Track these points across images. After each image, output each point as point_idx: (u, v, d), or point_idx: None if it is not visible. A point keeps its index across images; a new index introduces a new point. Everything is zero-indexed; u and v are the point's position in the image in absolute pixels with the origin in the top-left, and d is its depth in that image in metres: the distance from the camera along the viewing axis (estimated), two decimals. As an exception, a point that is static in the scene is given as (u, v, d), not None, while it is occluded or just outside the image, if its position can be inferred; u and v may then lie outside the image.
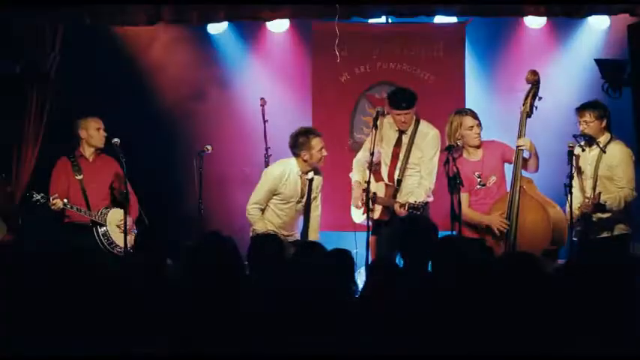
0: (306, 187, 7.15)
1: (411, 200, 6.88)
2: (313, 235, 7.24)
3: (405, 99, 7.15)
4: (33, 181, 7.56)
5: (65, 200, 7.12)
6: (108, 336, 4.02)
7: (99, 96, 8.02)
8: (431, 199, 7.20)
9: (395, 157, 7.23)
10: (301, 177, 7.13)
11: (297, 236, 7.26)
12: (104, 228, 7.25)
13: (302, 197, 7.18)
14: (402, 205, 6.89)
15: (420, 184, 7.14)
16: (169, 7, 7.41)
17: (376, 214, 7.18)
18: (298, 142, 7.07)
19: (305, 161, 7.08)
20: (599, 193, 6.65)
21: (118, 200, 7.39)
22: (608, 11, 7.57)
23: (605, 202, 6.62)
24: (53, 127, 7.68)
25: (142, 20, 7.51)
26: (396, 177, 7.20)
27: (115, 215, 7.30)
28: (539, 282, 4.05)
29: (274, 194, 7.14)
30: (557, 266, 4.58)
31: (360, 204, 7.22)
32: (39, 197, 7.04)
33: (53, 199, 7.05)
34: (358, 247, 7.13)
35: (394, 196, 7.14)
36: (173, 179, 7.71)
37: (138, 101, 8.31)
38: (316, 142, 7.06)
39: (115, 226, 7.26)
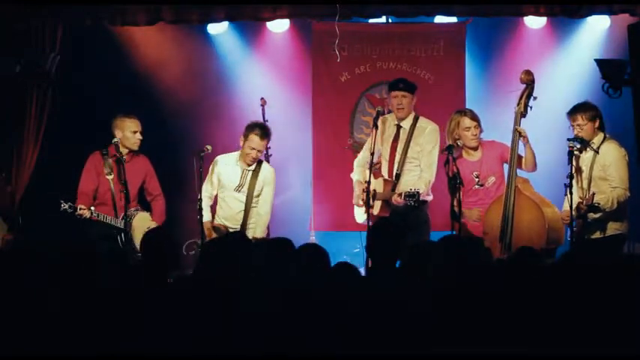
0: (246, 179, 7.28)
1: (407, 189, 6.88)
2: (257, 232, 7.30)
3: (402, 81, 7.26)
4: (33, 181, 7.57)
5: (92, 209, 7.10)
6: (109, 337, 4.03)
7: (99, 96, 8.03)
8: (430, 198, 7.20)
9: (393, 151, 7.24)
10: (244, 168, 7.32)
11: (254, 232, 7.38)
12: (128, 233, 7.22)
13: (240, 187, 7.30)
14: (399, 194, 6.89)
15: (420, 177, 7.14)
16: (169, 7, 7.43)
17: (376, 210, 7.19)
18: (242, 135, 7.25)
19: (244, 153, 7.27)
20: (593, 194, 6.65)
21: (147, 202, 7.41)
22: (608, 11, 7.57)
23: (599, 203, 6.62)
24: (53, 127, 7.68)
25: (142, 20, 7.52)
26: (394, 171, 7.20)
27: (141, 221, 7.29)
28: (535, 281, 4.06)
29: (219, 183, 7.35)
30: (549, 265, 4.56)
31: (360, 202, 7.24)
32: (66, 207, 7.00)
33: (80, 210, 7.04)
34: (360, 246, 7.16)
35: (393, 190, 7.14)
36: (173, 179, 7.71)
37: (137, 101, 8.30)
38: (252, 143, 7.19)
39: (141, 232, 7.20)
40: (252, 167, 7.34)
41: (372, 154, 7.05)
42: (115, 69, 8.28)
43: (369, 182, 7.07)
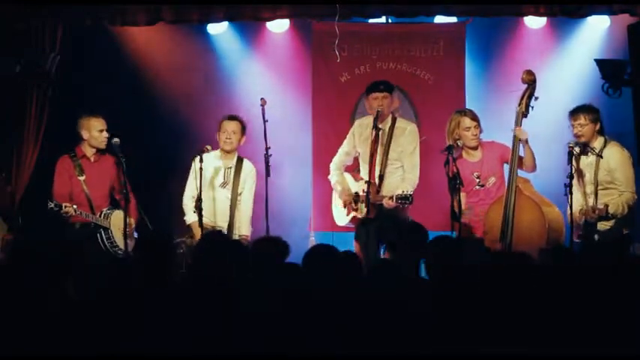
0: (229, 176, 7.39)
1: (398, 192, 6.89)
2: (243, 230, 7.37)
3: (382, 82, 7.33)
4: (33, 181, 7.56)
5: (75, 207, 7.12)
6: (109, 337, 4.03)
7: (99, 96, 8.02)
8: None
9: (373, 153, 7.23)
10: (224, 166, 7.42)
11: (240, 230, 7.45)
12: (108, 231, 7.26)
13: (225, 184, 7.38)
14: (391, 198, 6.90)
15: (404, 179, 7.15)
16: (169, 7, 7.43)
17: (361, 213, 7.18)
18: (217, 132, 7.46)
19: (221, 148, 7.42)
20: (606, 205, 6.64)
21: (117, 201, 7.43)
22: (608, 11, 7.57)
23: (609, 213, 6.64)
24: (53, 127, 7.68)
25: (142, 20, 7.53)
26: (377, 173, 7.20)
27: (118, 219, 7.31)
28: (536, 282, 4.05)
29: (203, 182, 7.30)
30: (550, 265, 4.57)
31: (347, 202, 7.28)
32: (52, 205, 7.04)
33: (66, 207, 7.06)
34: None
35: (378, 192, 7.15)
36: (173, 179, 7.70)
37: (138, 101, 8.31)
38: (223, 129, 7.41)
39: (118, 229, 7.28)
40: (234, 163, 7.44)
41: (373, 154, 7.05)
42: (115, 69, 8.27)
43: (368, 183, 7.07)
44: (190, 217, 7.41)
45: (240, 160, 7.50)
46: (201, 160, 7.19)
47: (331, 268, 4.50)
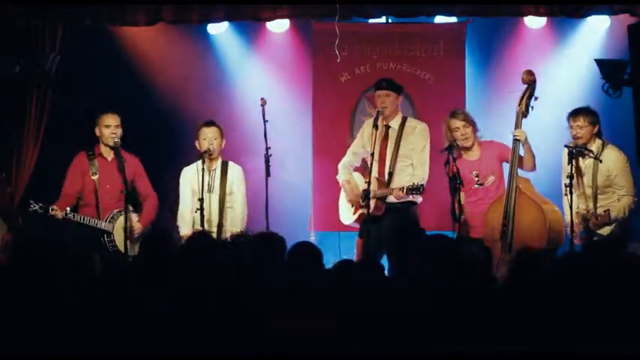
0: (215, 179, 7.33)
1: (409, 183, 6.88)
2: (236, 229, 7.25)
3: (386, 80, 7.30)
4: (33, 181, 7.56)
5: (68, 209, 7.05)
6: (109, 337, 4.03)
7: (99, 96, 8.03)
8: (420, 200, 7.18)
9: (383, 150, 7.23)
10: (208, 169, 7.32)
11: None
12: (110, 235, 7.19)
13: (210, 187, 7.31)
14: (401, 189, 6.88)
15: (413, 174, 7.13)
16: (169, 7, 7.43)
17: (369, 209, 7.16)
18: (195, 139, 7.36)
19: (200, 152, 7.28)
20: (608, 211, 6.65)
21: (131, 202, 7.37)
22: (608, 11, 7.57)
23: (615, 217, 6.66)
24: (53, 127, 7.68)
25: (142, 20, 7.52)
26: (387, 170, 7.19)
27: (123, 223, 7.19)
28: (537, 281, 4.06)
29: (192, 191, 7.33)
30: (554, 263, 4.56)
31: (354, 201, 7.26)
32: (37, 207, 6.98)
33: (52, 210, 7.00)
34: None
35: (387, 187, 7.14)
36: (173, 179, 7.70)
37: (138, 101, 8.31)
38: (203, 135, 7.30)
39: (121, 235, 7.15)
40: (219, 167, 7.36)
41: (372, 154, 7.06)
42: (115, 69, 8.27)
43: (369, 182, 7.07)
44: (184, 230, 7.32)
45: (224, 164, 7.42)
46: (203, 162, 7.18)
47: (315, 266, 4.53)
